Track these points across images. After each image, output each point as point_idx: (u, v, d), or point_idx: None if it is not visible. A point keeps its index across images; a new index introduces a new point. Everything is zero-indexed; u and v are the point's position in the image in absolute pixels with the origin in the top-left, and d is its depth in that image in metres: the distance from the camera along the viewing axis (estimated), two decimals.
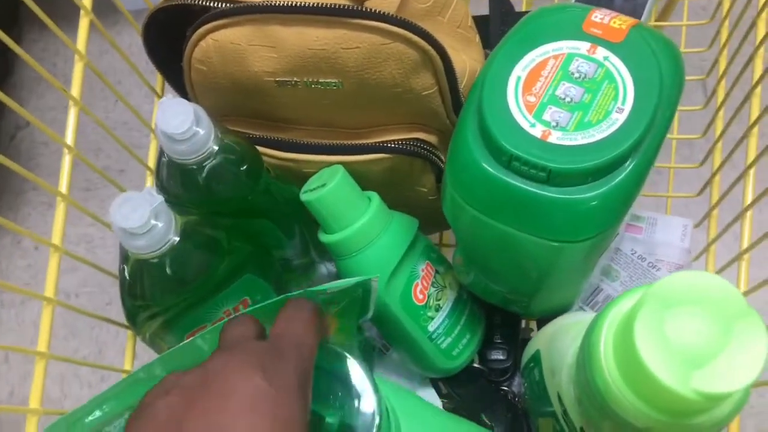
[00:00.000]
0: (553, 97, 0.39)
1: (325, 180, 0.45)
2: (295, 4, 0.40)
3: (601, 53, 0.40)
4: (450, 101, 0.46)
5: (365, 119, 0.47)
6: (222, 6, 0.43)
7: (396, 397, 0.36)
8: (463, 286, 0.52)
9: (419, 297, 0.49)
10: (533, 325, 0.61)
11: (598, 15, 0.41)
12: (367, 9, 0.40)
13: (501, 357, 0.55)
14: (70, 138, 0.48)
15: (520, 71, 0.40)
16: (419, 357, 0.51)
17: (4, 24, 0.45)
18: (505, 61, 0.40)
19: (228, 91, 0.46)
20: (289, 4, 0.40)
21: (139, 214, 0.37)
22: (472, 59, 0.48)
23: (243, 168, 0.45)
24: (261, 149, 0.48)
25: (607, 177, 0.37)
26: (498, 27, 0.58)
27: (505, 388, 0.55)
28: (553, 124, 0.38)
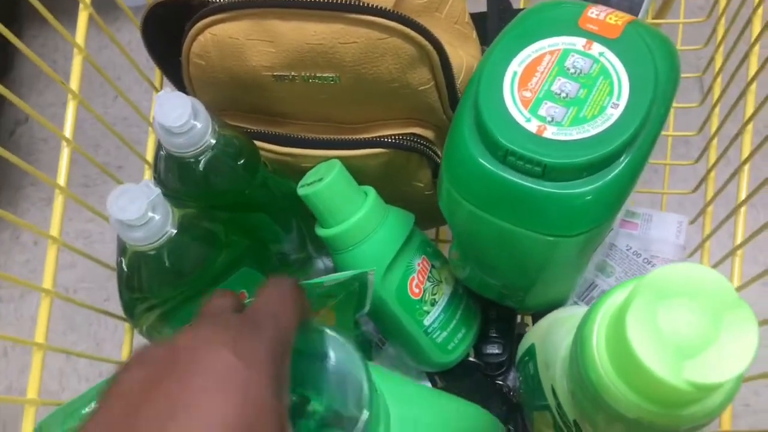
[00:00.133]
0: (549, 93, 0.39)
1: (322, 174, 0.46)
2: None
3: (597, 49, 0.40)
4: (447, 96, 0.46)
5: (362, 114, 0.47)
6: (220, 0, 0.43)
7: (385, 381, 0.35)
8: (459, 280, 0.53)
9: (415, 291, 0.49)
10: (528, 320, 0.62)
11: (594, 11, 0.41)
12: (365, 4, 0.40)
13: (496, 351, 0.55)
14: (68, 131, 0.49)
15: (516, 66, 0.40)
16: (415, 351, 0.52)
17: (3, 20, 0.46)
18: (502, 57, 0.41)
19: (226, 86, 0.46)
20: None
21: (137, 206, 0.37)
22: (469, 55, 0.48)
23: (240, 162, 0.45)
24: (258, 143, 0.49)
25: (602, 172, 0.38)
26: (496, 24, 0.58)
27: (501, 382, 0.55)
28: (549, 119, 0.38)
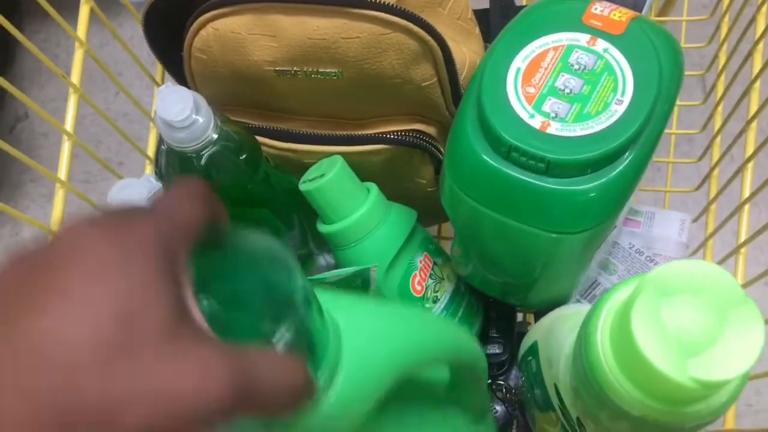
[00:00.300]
0: (553, 89, 0.39)
1: (324, 170, 0.45)
2: None
3: (601, 45, 0.40)
4: (449, 92, 0.46)
5: (365, 110, 0.47)
6: None
7: (327, 295, 0.30)
8: (461, 278, 0.53)
9: (417, 288, 0.49)
10: (530, 318, 0.61)
11: (598, 7, 0.41)
12: None
13: (497, 351, 0.55)
14: (69, 125, 0.48)
15: (519, 62, 0.40)
16: None
17: (4, 14, 0.45)
18: (505, 52, 0.40)
19: (228, 81, 0.46)
20: None
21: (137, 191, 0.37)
22: (471, 51, 0.48)
23: (242, 157, 0.45)
24: (260, 139, 0.48)
25: (606, 168, 0.37)
26: (498, 20, 0.58)
27: (502, 381, 0.55)
28: (552, 115, 0.38)
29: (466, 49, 0.47)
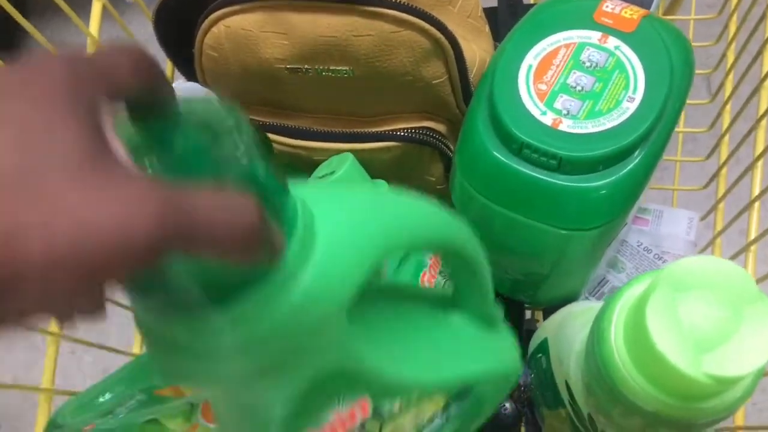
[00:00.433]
0: (565, 86, 0.39)
1: (335, 167, 0.46)
2: None
3: (613, 43, 0.40)
4: (460, 90, 0.46)
5: (375, 107, 0.47)
6: None
7: (302, 187, 0.29)
8: None
9: (426, 285, 0.49)
10: (539, 316, 0.61)
11: (609, 5, 0.41)
12: None
13: None
14: None
15: (531, 60, 0.40)
16: None
17: (9, 14, 0.46)
18: (517, 50, 0.41)
19: (239, 78, 0.46)
20: None
21: None
22: (482, 50, 0.48)
23: None
24: (271, 136, 0.48)
25: (617, 166, 0.38)
26: (506, 19, 0.58)
27: None
28: (564, 112, 0.38)
29: (476, 47, 0.47)
